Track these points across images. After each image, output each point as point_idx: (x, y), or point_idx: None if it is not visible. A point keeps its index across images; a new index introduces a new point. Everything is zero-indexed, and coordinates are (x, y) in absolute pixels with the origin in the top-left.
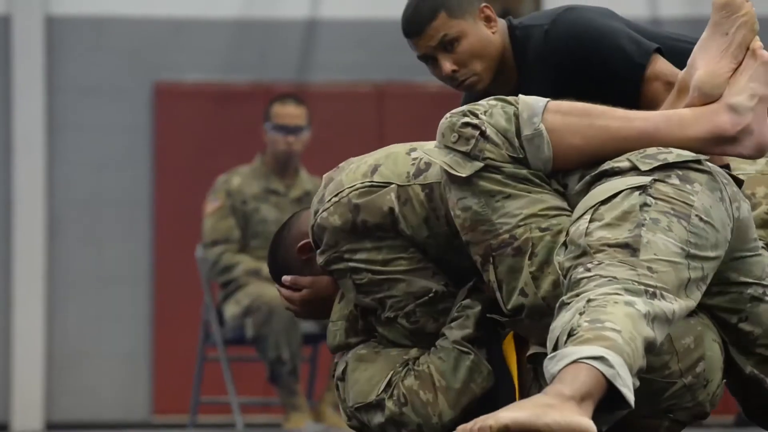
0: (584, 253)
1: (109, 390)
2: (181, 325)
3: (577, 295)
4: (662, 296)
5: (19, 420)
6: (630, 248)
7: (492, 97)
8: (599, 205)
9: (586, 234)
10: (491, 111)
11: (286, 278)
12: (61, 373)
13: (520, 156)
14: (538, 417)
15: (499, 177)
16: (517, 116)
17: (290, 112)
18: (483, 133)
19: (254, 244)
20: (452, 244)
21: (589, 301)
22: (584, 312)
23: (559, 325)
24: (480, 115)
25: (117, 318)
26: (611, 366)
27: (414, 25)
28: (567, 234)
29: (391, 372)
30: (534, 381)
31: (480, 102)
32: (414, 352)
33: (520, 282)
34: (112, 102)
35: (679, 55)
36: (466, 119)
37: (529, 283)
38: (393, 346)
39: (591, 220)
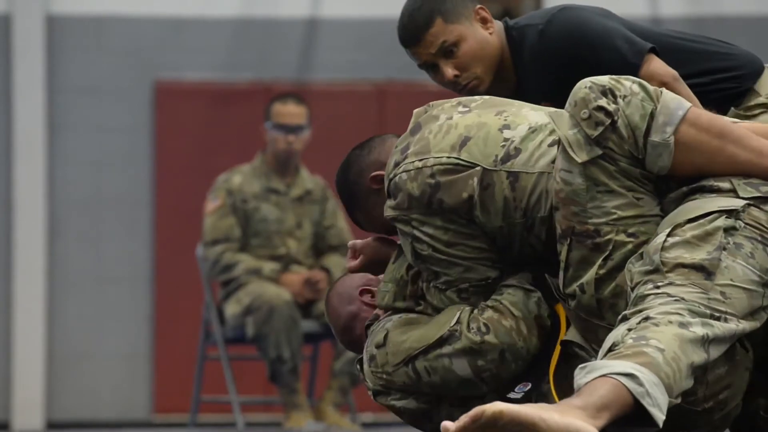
0: (657, 270)
1: (109, 389)
2: (181, 324)
3: (639, 311)
4: (726, 320)
5: (19, 419)
6: (705, 271)
7: (636, 81)
8: (686, 223)
9: (663, 249)
10: (630, 99)
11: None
12: (62, 373)
13: (640, 157)
14: (534, 412)
15: (611, 168)
16: (653, 116)
17: (291, 111)
18: (613, 123)
19: (255, 243)
20: (522, 236)
21: (646, 318)
22: (634, 329)
23: (610, 338)
24: (618, 99)
25: (117, 317)
26: (640, 384)
27: (411, 34)
28: (647, 244)
29: (459, 312)
30: (564, 363)
31: (624, 81)
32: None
33: (584, 276)
34: (113, 101)
35: (679, 52)
36: (602, 102)
37: (590, 283)
38: (437, 313)
39: (671, 235)
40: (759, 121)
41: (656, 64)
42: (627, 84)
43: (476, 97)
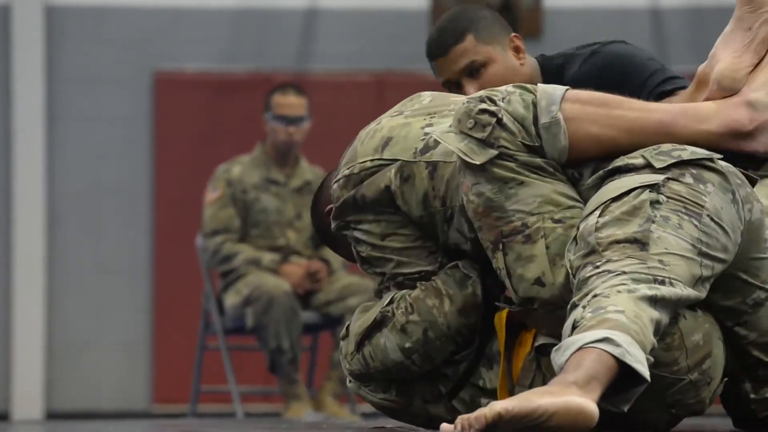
0: (593, 251)
1: (109, 380)
2: (181, 315)
3: (586, 294)
4: (671, 283)
5: (19, 410)
6: (639, 243)
7: (511, 84)
8: (610, 202)
9: (596, 230)
10: (509, 98)
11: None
12: (61, 363)
13: (536, 144)
14: (530, 401)
15: (513, 165)
16: (535, 104)
17: (291, 102)
18: (499, 121)
19: (254, 234)
20: (443, 228)
21: (594, 296)
22: (587, 306)
23: (569, 322)
24: (498, 102)
25: (117, 308)
26: (618, 345)
27: (440, 45)
28: (578, 229)
29: (393, 293)
30: (537, 371)
31: (498, 88)
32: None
33: (532, 271)
34: (112, 91)
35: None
36: (483, 106)
37: (547, 273)
38: None
39: (601, 215)
40: None
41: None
42: (501, 89)
43: (424, 96)
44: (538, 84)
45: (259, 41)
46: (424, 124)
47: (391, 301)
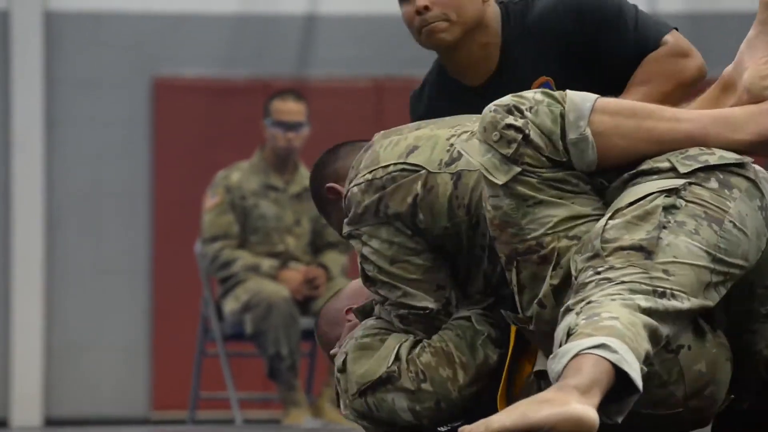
0: (596, 255)
1: (108, 385)
2: (180, 320)
3: (581, 300)
4: (672, 296)
5: (18, 415)
6: (644, 251)
7: (539, 90)
8: (627, 206)
9: (603, 232)
10: (537, 108)
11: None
12: (60, 367)
13: (564, 159)
14: (528, 416)
15: (534, 181)
16: (563, 116)
17: (290, 108)
18: (526, 137)
19: (253, 240)
20: (469, 235)
21: (588, 302)
22: (580, 312)
23: (562, 328)
24: (525, 112)
25: (116, 311)
26: (614, 351)
27: None
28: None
29: (398, 345)
30: (537, 390)
31: (526, 95)
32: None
33: (539, 292)
34: (111, 96)
35: None
36: (510, 120)
37: (548, 296)
38: (395, 330)
39: (611, 218)
40: None
41: (680, 36)
42: (529, 96)
43: (437, 120)
44: (567, 92)
45: (258, 47)
46: (450, 134)
47: (397, 358)
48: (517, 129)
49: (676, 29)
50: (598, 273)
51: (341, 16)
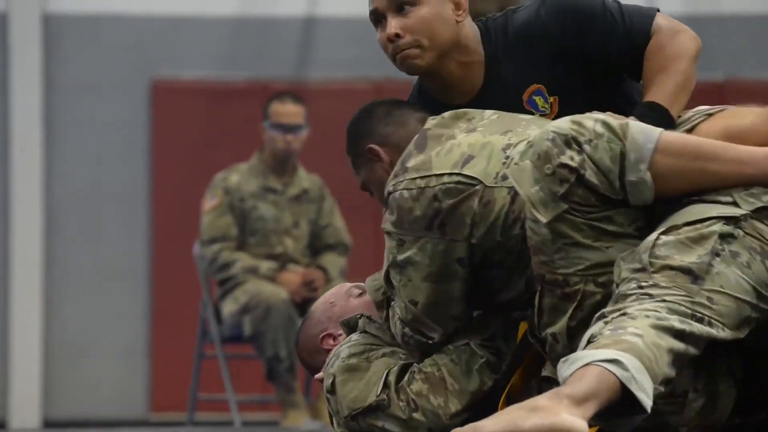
0: (643, 269)
1: (106, 387)
2: (178, 322)
3: (618, 309)
4: (710, 324)
5: (16, 417)
6: (693, 275)
7: (599, 120)
8: (683, 225)
9: (653, 247)
10: (597, 143)
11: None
12: (59, 369)
13: (620, 198)
14: (516, 424)
15: (578, 221)
16: (623, 155)
17: (289, 111)
18: (580, 177)
19: (252, 242)
20: (520, 247)
21: (623, 314)
22: (610, 322)
23: (588, 332)
24: (584, 145)
25: (115, 312)
26: (626, 369)
27: None
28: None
29: (386, 371)
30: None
31: (586, 124)
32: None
33: (556, 326)
34: (110, 98)
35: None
36: (566, 158)
37: (562, 334)
38: (391, 347)
39: (664, 233)
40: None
41: (665, 16)
42: (590, 125)
43: (486, 113)
44: (629, 125)
45: (257, 49)
46: (504, 144)
47: (386, 385)
48: (572, 169)
49: (658, 10)
50: (641, 287)
51: (340, 18)
